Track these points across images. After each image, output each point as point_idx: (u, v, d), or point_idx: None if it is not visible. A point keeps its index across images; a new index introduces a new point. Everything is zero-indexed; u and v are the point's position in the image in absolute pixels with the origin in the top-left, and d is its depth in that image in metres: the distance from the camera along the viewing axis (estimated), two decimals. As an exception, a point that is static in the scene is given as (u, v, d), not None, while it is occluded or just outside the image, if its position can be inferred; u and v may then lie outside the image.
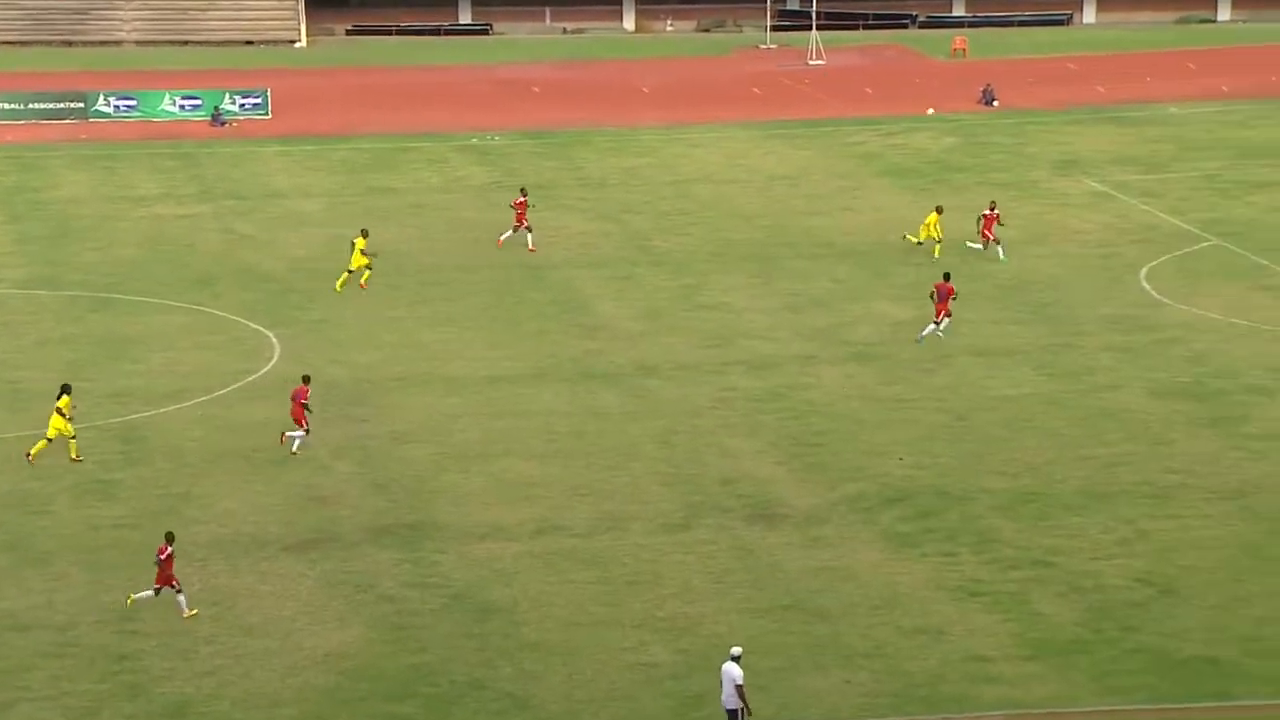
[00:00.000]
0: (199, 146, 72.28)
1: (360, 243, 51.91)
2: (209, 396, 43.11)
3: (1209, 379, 43.08)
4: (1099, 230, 56.96)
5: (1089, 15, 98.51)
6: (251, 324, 49.18)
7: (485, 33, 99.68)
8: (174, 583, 31.88)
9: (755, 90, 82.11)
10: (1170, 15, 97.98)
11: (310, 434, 39.27)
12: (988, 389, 42.87)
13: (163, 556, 31.85)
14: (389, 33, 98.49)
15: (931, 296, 46.13)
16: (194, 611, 31.90)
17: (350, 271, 51.67)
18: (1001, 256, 53.16)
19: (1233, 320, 47.36)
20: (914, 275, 52.73)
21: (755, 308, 50.21)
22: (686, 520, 36.11)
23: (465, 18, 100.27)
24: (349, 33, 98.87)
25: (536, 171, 67.52)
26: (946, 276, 46.88)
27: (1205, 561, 33.46)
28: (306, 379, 40.39)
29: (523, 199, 55.88)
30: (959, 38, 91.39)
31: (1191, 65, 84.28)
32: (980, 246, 53.69)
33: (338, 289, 51.29)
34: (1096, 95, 78.22)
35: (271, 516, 36.26)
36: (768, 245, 56.58)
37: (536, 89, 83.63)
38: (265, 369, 45.34)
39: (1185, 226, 56.55)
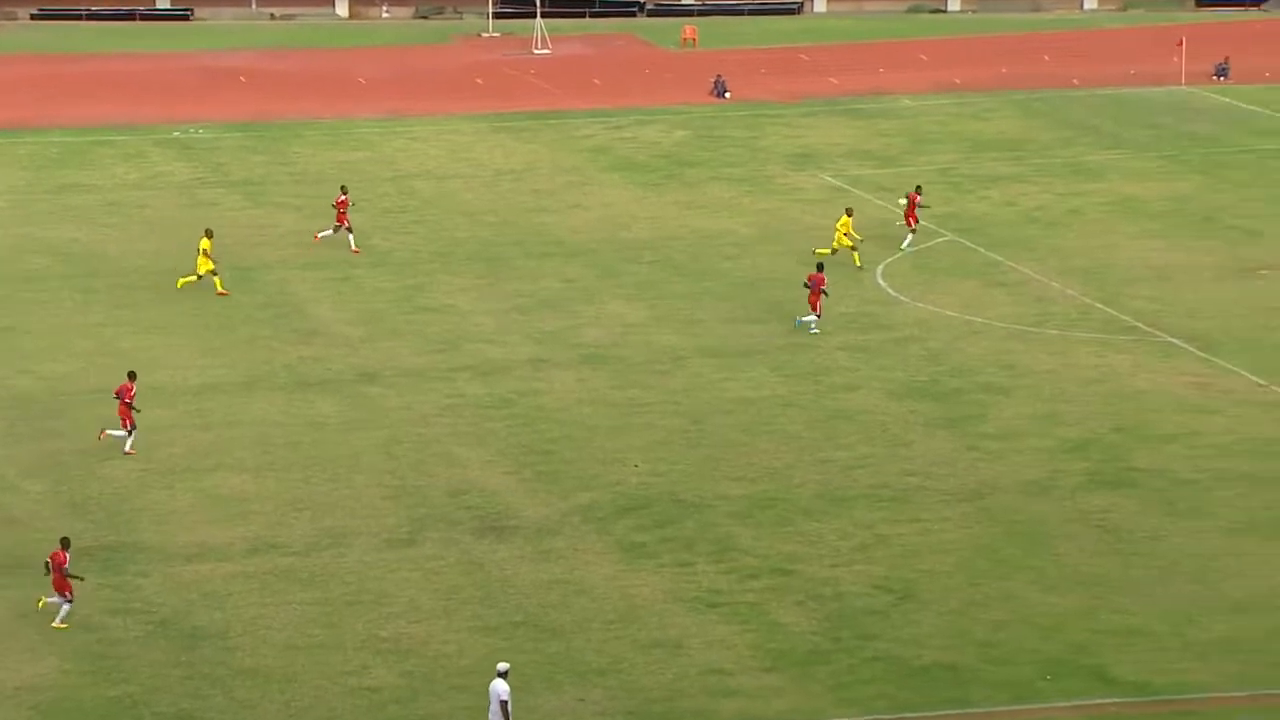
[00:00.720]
0: None
1: (205, 244, 50.53)
2: (-115, 412, 41.57)
3: (945, 378, 44.45)
4: (834, 226, 58.25)
5: (820, 4, 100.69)
6: (-68, 332, 47.53)
7: (185, 18, 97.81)
8: (67, 593, 31.97)
9: (478, 80, 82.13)
10: (901, 5, 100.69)
11: (134, 432, 39.34)
12: (724, 391, 43.60)
13: (63, 564, 31.85)
14: (79, 17, 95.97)
15: (806, 285, 47.21)
16: (64, 626, 31.98)
17: (214, 273, 50.46)
18: (904, 245, 54.56)
19: (968, 318, 48.94)
20: (646, 274, 53.38)
21: (482, 310, 50.26)
22: (412, 534, 35.99)
23: (163, 2, 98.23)
24: (34, 17, 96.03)
25: (245, 166, 66.58)
26: (819, 267, 47.69)
27: (943, 566, 34.52)
28: (132, 375, 39.99)
29: (343, 197, 55.14)
30: (689, 26, 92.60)
31: (924, 56, 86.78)
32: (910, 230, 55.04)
33: (220, 289, 50.34)
34: (829, 87, 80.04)
35: (-43, 542, 35.10)
36: (494, 244, 56.68)
37: (243, 78, 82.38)
38: (-52, 381, 43.88)
39: (920, 222, 58.18)
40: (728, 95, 78.36)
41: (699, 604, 33.09)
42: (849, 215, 53.44)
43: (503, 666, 28.16)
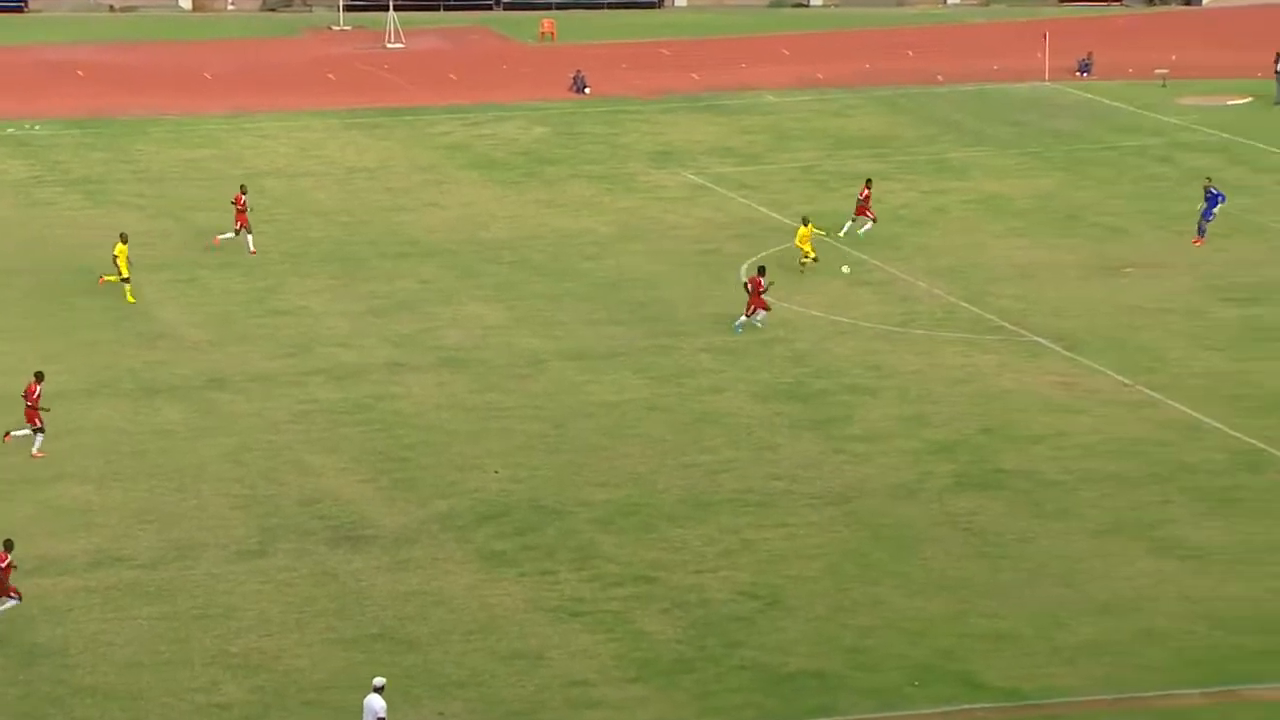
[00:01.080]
0: None
1: (121, 249, 49.79)
2: None
3: (811, 379, 44.75)
4: (697, 225, 58.55)
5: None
6: None
7: (19, 9, 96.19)
8: (13, 592, 31.83)
9: (329, 75, 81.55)
10: None
11: (44, 432, 39.28)
12: (587, 395, 43.60)
13: (2, 565, 31.67)
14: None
15: (745, 288, 47.64)
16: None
17: (125, 279, 49.76)
18: (850, 232, 55.24)
19: (834, 318, 49.29)
20: (505, 275, 53.28)
21: (336, 312, 49.90)
22: (262, 545, 35.64)
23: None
24: None
25: (85, 164, 65.62)
26: (761, 270, 47.84)
27: (810, 571, 34.74)
28: (39, 375, 39.81)
29: (242, 197, 54.33)
30: (546, 20, 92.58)
31: (786, 51, 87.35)
32: (870, 224, 55.53)
33: (102, 280, 49.90)
34: (691, 82, 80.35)
35: None
36: (348, 244, 56.31)
37: (81, 72, 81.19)
38: None
39: (784, 220, 58.58)
40: (587, 91, 78.40)
41: (561, 613, 33.05)
42: (806, 225, 52.72)
43: (379, 681, 28.01)
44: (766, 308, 47.76)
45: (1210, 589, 33.94)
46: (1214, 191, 56.08)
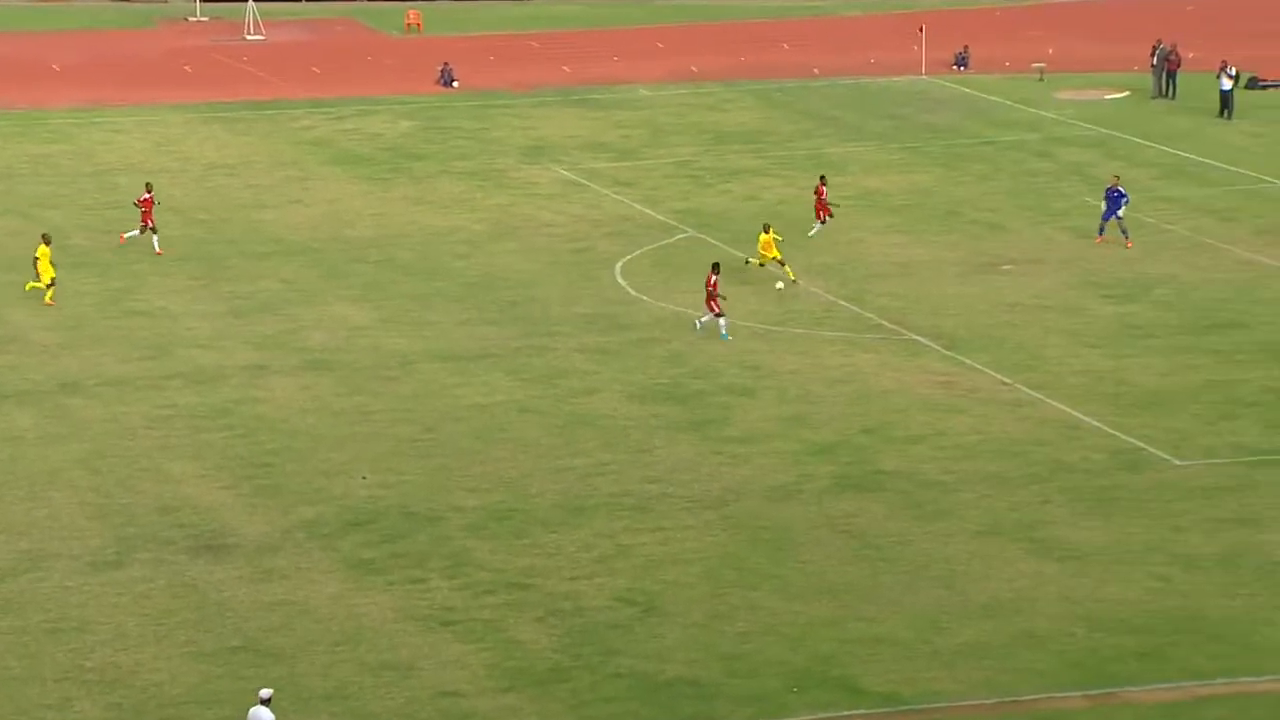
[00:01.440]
0: None
1: (44, 251, 48.96)
2: None
3: (687, 380, 44.92)
4: (570, 222, 58.59)
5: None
6: None
7: None
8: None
9: (186, 68, 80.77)
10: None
11: None
12: (458, 397, 43.51)
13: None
14: None
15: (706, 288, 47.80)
16: None
17: (49, 284, 48.99)
18: (812, 232, 55.71)
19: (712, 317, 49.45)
20: (372, 274, 53.04)
21: (195, 313, 49.47)
22: (119, 556, 35.26)
23: None
24: None
25: (-70, 159, 64.59)
26: (715, 267, 47.79)
27: (687, 576, 34.87)
28: None
29: (148, 195, 53.57)
30: (413, 11, 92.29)
31: (659, 44, 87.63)
32: (820, 224, 56.01)
33: (41, 296, 49.19)
34: (562, 75, 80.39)
35: None
36: (208, 243, 55.83)
37: (-74, 63, 79.91)
38: None
39: (660, 217, 58.79)
40: (455, 84, 78.19)
41: (432, 622, 32.96)
42: (766, 232, 52.19)
43: (265, 693, 27.67)
44: (718, 311, 47.49)
45: (1090, 590, 34.44)
46: (1119, 191, 56.30)
